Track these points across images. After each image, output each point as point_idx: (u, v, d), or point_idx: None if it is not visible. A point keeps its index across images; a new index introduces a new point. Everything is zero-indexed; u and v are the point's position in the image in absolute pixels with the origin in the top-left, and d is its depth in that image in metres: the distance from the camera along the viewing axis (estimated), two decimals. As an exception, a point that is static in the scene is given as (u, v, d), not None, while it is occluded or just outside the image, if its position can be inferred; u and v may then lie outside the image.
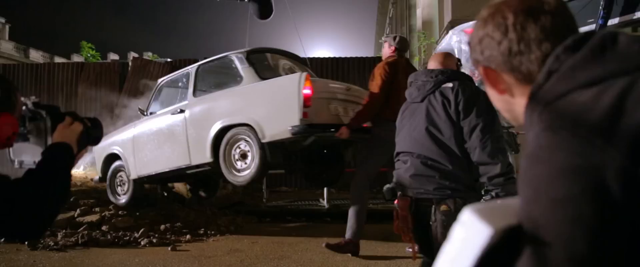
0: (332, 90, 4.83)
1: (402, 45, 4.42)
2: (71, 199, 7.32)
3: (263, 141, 4.44)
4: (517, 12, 0.74)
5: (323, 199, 7.64)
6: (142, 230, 5.45)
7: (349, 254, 4.47)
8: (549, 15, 0.73)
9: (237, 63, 4.97)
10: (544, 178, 0.58)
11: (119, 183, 6.15)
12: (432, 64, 2.50)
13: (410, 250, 2.45)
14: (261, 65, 5.02)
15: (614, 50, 0.65)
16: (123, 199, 6.05)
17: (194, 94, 5.31)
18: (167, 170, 5.45)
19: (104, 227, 5.63)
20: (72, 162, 1.22)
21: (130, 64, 12.03)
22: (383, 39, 4.63)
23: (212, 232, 5.72)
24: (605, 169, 0.54)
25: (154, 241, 5.23)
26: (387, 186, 2.42)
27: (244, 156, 4.67)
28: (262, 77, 4.79)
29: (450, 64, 2.47)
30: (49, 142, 1.22)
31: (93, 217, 6.04)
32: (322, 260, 4.34)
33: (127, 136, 5.98)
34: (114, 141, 6.17)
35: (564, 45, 0.68)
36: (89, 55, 13.02)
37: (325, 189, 7.56)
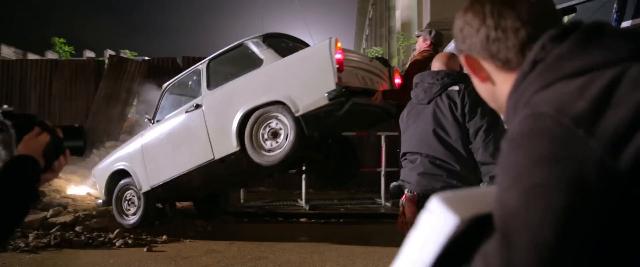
0: (358, 60, 4.85)
1: (438, 40, 4.49)
2: (43, 199, 7.17)
3: (297, 114, 4.39)
4: (495, 1, 0.76)
5: (301, 200, 7.63)
6: (117, 231, 5.37)
7: (327, 254, 4.48)
8: (526, 4, 0.74)
9: (253, 48, 4.96)
10: (521, 165, 0.58)
11: (127, 202, 5.81)
12: (436, 65, 2.55)
13: None
14: (278, 46, 5.02)
15: (600, 40, 0.65)
16: (133, 219, 5.68)
17: (209, 87, 5.21)
18: (186, 171, 5.20)
19: (77, 228, 5.53)
20: (35, 175, 1.17)
21: (106, 61, 11.84)
22: (417, 33, 4.67)
23: (190, 233, 5.67)
24: (585, 160, 0.54)
25: (130, 241, 5.16)
26: (394, 183, 2.51)
27: (274, 135, 4.58)
28: (284, 56, 4.78)
29: (454, 65, 2.51)
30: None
31: (66, 218, 5.92)
32: (300, 260, 4.34)
33: (133, 148, 5.77)
34: (117, 157, 5.96)
35: (550, 34, 0.68)
36: (61, 51, 12.74)
37: (303, 189, 7.56)
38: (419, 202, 2.34)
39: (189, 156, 5.18)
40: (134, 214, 5.70)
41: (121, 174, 5.84)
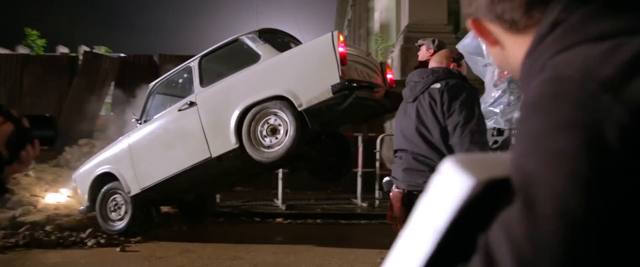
0: (356, 54, 4.84)
1: (441, 49, 4.52)
2: (11, 196, 6.99)
3: (300, 108, 4.35)
4: None
5: (278, 200, 7.62)
6: (89, 230, 5.27)
7: (303, 255, 4.49)
8: None
9: (250, 43, 4.89)
10: (542, 130, 0.55)
11: (112, 208, 5.59)
12: (432, 64, 2.63)
13: None
14: (275, 41, 4.97)
15: (631, 4, 0.61)
16: (121, 224, 5.47)
17: (202, 84, 5.10)
18: (180, 171, 5.04)
19: (48, 227, 5.40)
20: None
21: (80, 58, 11.61)
22: (420, 41, 4.67)
23: (165, 233, 5.61)
24: (609, 127, 0.53)
25: (102, 241, 5.07)
26: (386, 178, 2.62)
27: (273, 131, 4.52)
28: (281, 51, 4.74)
29: (443, 61, 2.60)
30: None
31: (36, 217, 5.79)
32: (276, 261, 4.33)
33: (120, 149, 5.58)
34: (102, 160, 5.75)
35: None
36: (34, 44, 12.42)
37: (280, 189, 7.55)
38: (404, 198, 2.43)
39: (183, 155, 5.05)
40: (121, 219, 5.48)
41: (106, 177, 5.62)
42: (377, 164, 7.97)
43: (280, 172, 7.47)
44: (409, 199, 2.41)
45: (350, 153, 5.69)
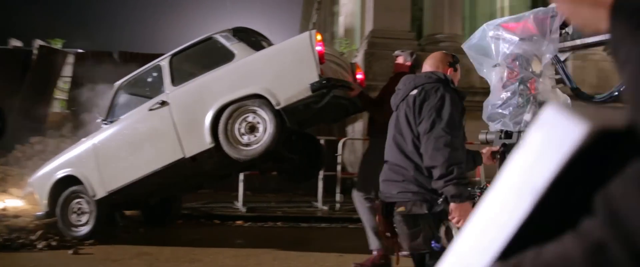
0: (331, 53, 4.87)
1: (417, 63, 4.59)
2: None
3: (278, 107, 4.34)
4: None
5: (238, 202, 7.55)
6: (39, 232, 5.07)
7: (263, 258, 4.46)
8: None
9: (224, 41, 4.82)
10: None
11: (75, 212, 5.33)
12: (425, 66, 2.56)
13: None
14: (249, 40, 4.93)
15: None
16: (84, 230, 5.23)
17: (173, 83, 4.97)
18: (151, 172, 4.88)
19: (-5, 229, 5.17)
20: None
21: (35, 52, 11.18)
22: (397, 52, 4.72)
23: (121, 235, 5.46)
24: None
25: (54, 243, 4.89)
26: None
27: (252, 129, 4.48)
28: (256, 50, 4.70)
29: (439, 65, 2.52)
30: None
31: (-18, 218, 5.54)
32: (236, 264, 4.29)
33: (84, 151, 5.34)
34: (62, 163, 5.50)
35: None
36: None
37: (240, 191, 7.49)
38: (383, 209, 2.38)
39: (155, 156, 4.91)
40: (85, 224, 5.25)
41: (67, 181, 5.39)
42: (339, 167, 8.01)
43: (241, 174, 7.41)
44: (387, 210, 2.36)
45: (321, 153, 5.70)
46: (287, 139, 4.95)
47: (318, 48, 4.30)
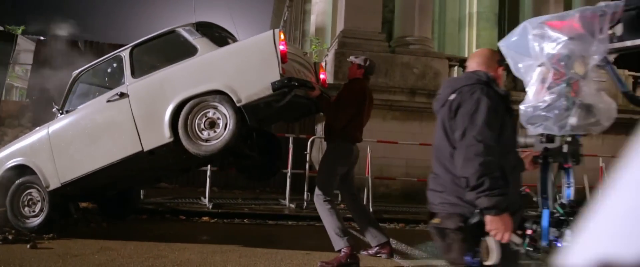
0: (294, 52, 4.84)
1: (371, 70, 4.76)
2: None
3: (239, 104, 4.30)
4: None
5: (205, 198, 7.46)
6: (-5, 225, 4.88)
7: (229, 254, 4.42)
8: None
9: (186, 35, 4.75)
10: None
11: (26, 203, 5.16)
12: (471, 64, 2.32)
13: None
14: (212, 35, 4.85)
15: None
16: (35, 221, 5.07)
17: (133, 75, 4.86)
18: (107, 165, 4.76)
19: (-54, 221, 4.94)
20: None
21: (-8, 37, 10.71)
22: (351, 58, 4.80)
23: (82, 229, 5.30)
24: None
25: (10, 237, 4.71)
26: None
27: (212, 125, 4.41)
28: (219, 45, 4.64)
29: (489, 63, 2.28)
30: None
31: None
32: (201, 260, 4.24)
33: (38, 140, 5.16)
34: (14, 151, 5.29)
35: None
36: None
37: (207, 187, 7.40)
38: (430, 219, 2.21)
39: (112, 149, 4.79)
40: (36, 216, 5.10)
41: (18, 170, 5.21)
42: (307, 165, 8.02)
43: (208, 169, 7.33)
44: (429, 221, 2.22)
45: (280, 151, 5.70)
46: (247, 136, 4.94)
47: (281, 47, 4.30)
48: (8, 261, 3.92)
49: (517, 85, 11.59)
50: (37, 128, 5.42)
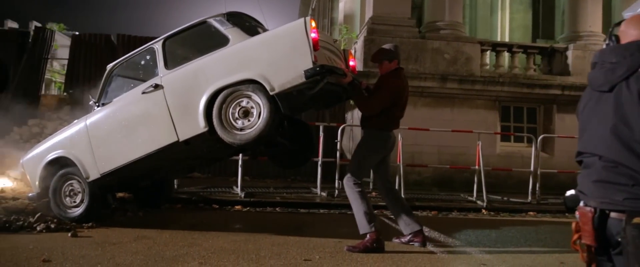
0: (325, 40, 4.84)
1: (398, 53, 4.76)
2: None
3: (272, 93, 4.35)
4: None
5: (237, 187, 7.55)
6: (38, 214, 5.06)
7: (261, 242, 4.47)
8: None
9: (218, 26, 4.80)
10: None
11: (68, 193, 5.29)
12: (631, 33, 1.87)
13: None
14: (243, 25, 4.89)
15: None
16: (77, 211, 5.21)
17: (167, 66, 4.95)
18: (144, 155, 4.88)
19: (-7, 211, 5.15)
20: None
21: (31, 34, 11.07)
22: (389, 46, 4.77)
23: (119, 218, 5.45)
24: None
25: (52, 226, 4.88)
26: (570, 192, 2.00)
27: (246, 114, 4.48)
28: (250, 35, 4.69)
29: None
30: None
31: (-20, 200, 5.52)
32: (234, 248, 4.29)
33: (77, 133, 5.29)
34: (54, 144, 5.45)
35: None
36: None
37: (239, 177, 7.48)
38: (595, 219, 1.80)
39: (148, 139, 4.89)
40: (77, 206, 5.24)
41: (59, 162, 5.36)
42: (338, 153, 8.01)
43: (239, 159, 7.41)
44: (602, 220, 1.80)
45: (312, 141, 5.70)
46: (280, 124, 4.95)
47: (312, 35, 4.28)
48: (51, 248, 4.06)
49: (553, 69, 11.26)
50: (75, 121, 5.56)
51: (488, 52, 11.14)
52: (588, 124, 1.92)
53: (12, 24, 25.20)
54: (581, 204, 1.88)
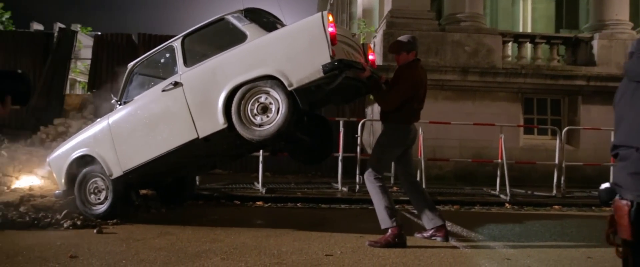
0: (343, 34, 4.83)
1: (416, 44, 4.71)
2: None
3: (290, 88, 4.35)
4: None
5: (258, 183, 7.59)
6: (65, 211, 5.17)
7: (283, 238, 4.48)
8: None
9: (236, 22, 4.82)
10: None
11: (92, 191, 5.42)
12: None
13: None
14: (260, 21, 4.91)
15: None
16: (101, 208, 5.33)
17: (186, 64, 5.00)
18: (165, 152, 4.95)
19: (22, 208, 5.28)
20: None
21: (56, 35, 11.29)
22: (402, 38, 4.72)
23: (143, 215, 5.53)
24: None
25: (78, 223, 4.98)
26: (604, 185, 1.93)
27: (264, 110, 4.50)
28: (268, 31, 4.70)
29: None
30: None
31: (9, 197, 5.66)
32: (256, 244, 4.32)
33: (99, 132, 5.40)
34: (78, 142, 5.57)
35: None
36: (4, 18, 12.00)
37: (260, 173, 7.52)
38: (631, 213, 1.72)
39: (169, 137, 4.96)
40: (102, 203, 5.35)
41: (84, 160, 5.47)
42: (358, 148, 7.99)
43: (260, 155, 7.44)
44: (638, 214, 1.71)
45: (332, 136, 5.68)
46: (299, 120, 4.95)
47: (330, 29, 4.25)
48: (78, 244, 4.15)
49: (577, 60, 11.01)
50: (98, 119, 5.66)
51: (510, 44, 10.95)
52: (624, 116, 1.84)
53: (37, 26, 25.75)
54: (617, 197, 1.80)
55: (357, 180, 7.76)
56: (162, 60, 5.39)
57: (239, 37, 4.75)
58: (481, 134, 9.62)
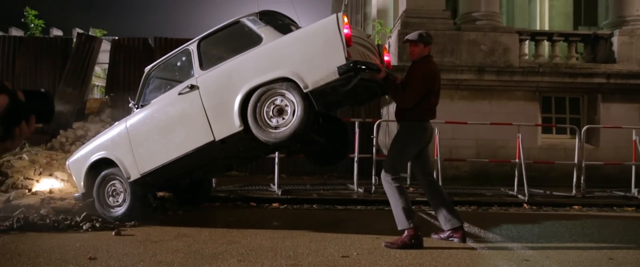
0: (358, 35, 4.83)
1: (430, 40, 4.68)
2: (5, 180, 6.93)
3: (305, 90, 4.37)
4: None
5: (274, 185, 7.61)
6: (84, 214, 5.25)
7: (299, 239, 4.48)
8: None
9: (251, 25, 4.86)
10: None
11: (111, 193, 5.52)
12: None
13: None
14: (276, 23, 4.93)
15: None
16: (119, 211, 5.41)
17: (202, 67, 5.04)
18: (182, 155, 5.00)
19: (42, 211, 5.38)
20: None
21: (74, 40, 11.47)
22: (411, 36, 4.68)
23: (160, 217, 5.57)
24: None
25: (97, 225, 5.05)
26: None
27: (280, 112, 4.52)
28: (283, 33, 4.72)
29: None
30: None
31: (31, 200, 5.76)
32: (272, 245, 4.32)
33: (117, 135, 5.48)
34: (97, 146, 5.66)
35: None
36: (33, 24, 12.24)
37: (276, 174, 7.53)
38: None
39: (185, 139, 5.00)
40: (120, 205, 5.43)
41: (102, 163, 5.55)
42: (374, 149, 7.96)
43: (276, 157, 7.46)
44: None
45: (347, 137, 5.67)
46: (315, 122, 4.94)
47: (345, 31, 4.24)
48: (97, 246, 4.20)
49: (597, 57, 10.82)
50: (116, 123, 5.73)
51: (527, 42, 10.81)
52: None
53: (56, 32, 26.17)
54: None
55: (373, 181, 7.73)
56: (179, 64, 5.44)
57: (255, 40, 4.76)
58: (498, 133, 9.51)
